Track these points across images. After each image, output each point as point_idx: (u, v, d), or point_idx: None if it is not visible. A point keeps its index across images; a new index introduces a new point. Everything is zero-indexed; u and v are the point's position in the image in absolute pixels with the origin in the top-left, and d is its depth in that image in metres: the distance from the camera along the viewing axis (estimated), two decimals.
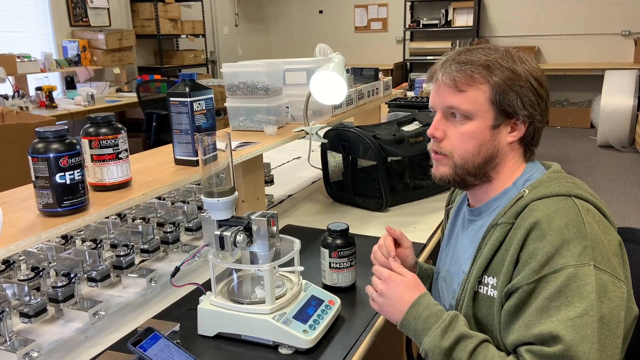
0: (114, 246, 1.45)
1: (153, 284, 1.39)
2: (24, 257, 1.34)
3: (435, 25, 7.74)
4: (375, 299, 1.05)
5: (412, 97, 3.44)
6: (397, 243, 1.18)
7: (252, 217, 1.10)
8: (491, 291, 0.96)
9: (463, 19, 7.56)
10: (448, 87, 0.99)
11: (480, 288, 0.98)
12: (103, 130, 1.17)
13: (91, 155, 1.17)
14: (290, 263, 1.14)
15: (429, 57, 7.73)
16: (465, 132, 0.99)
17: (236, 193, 1.10)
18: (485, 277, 0.97)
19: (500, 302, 0.94)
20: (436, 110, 1.03)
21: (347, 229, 1.31)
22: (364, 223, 1.76)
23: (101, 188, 1.19)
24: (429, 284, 1.22)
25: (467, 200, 1.11)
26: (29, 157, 1.04)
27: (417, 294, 0.99)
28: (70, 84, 5.20)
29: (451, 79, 0.98)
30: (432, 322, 0.95)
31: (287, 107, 1.91)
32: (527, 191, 0.96)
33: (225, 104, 1.84)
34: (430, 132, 1.03)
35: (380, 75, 2.63)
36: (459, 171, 1.01)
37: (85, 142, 1.16)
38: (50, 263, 1.32)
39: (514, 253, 0.92)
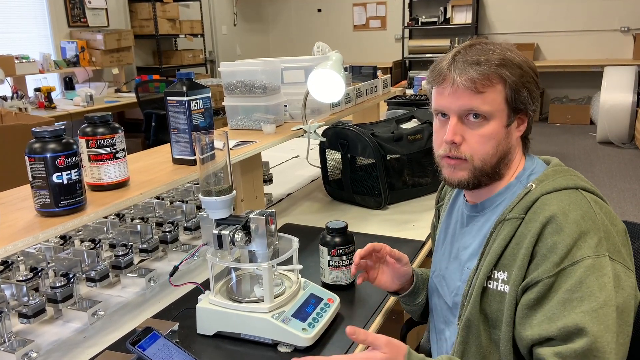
0: (112, 246, 1.45)
1: (152, 284, 1.39)
2: (22, 257, 1.34)
3: (434, 23, 7.73)
4: None
5: (411, 95, 3.44)
6: (397, 261, 1.16)
7: (251, 215, 1.10)
8: (501, 286, 0.95)
9: (462, 17, 7.55)
10: (467, 89, 0.95)
11: (490, 283, 0.97)
12: (100, 129, 1.17)
13: (88, 155, 1.17)
14: (289, 261, 1.14)
15: (427, 55, 7.71)
16: (485, 134, 0.97)
17: (234, 192, 1.10)
18: (495, 272, 0.96)
19: (514, 297, 0.93)
20: (447, 113, 0.99)
21: (346, 227, 1.31)
22: (363, 221, 1.76)
23: (99, 188, 1.19)
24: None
25: (464, 197, 1.10)
26: (26, 157, 1.03)
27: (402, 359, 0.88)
28: (69, 84, 5.19)
29: (470, 80, 0.94)
30: None
31: (285, 106, 1.91)
32: (534, 185, 0.95)
33: (223, 103, 1.84)
34: (449, 138, 0.98)
35: (379, 73, 2.62)
36: (478, 174, 0.99)
37: (82, 142, 1.16)
38: (48, 263, 1.32)
39: (528, 247, 0.91)
